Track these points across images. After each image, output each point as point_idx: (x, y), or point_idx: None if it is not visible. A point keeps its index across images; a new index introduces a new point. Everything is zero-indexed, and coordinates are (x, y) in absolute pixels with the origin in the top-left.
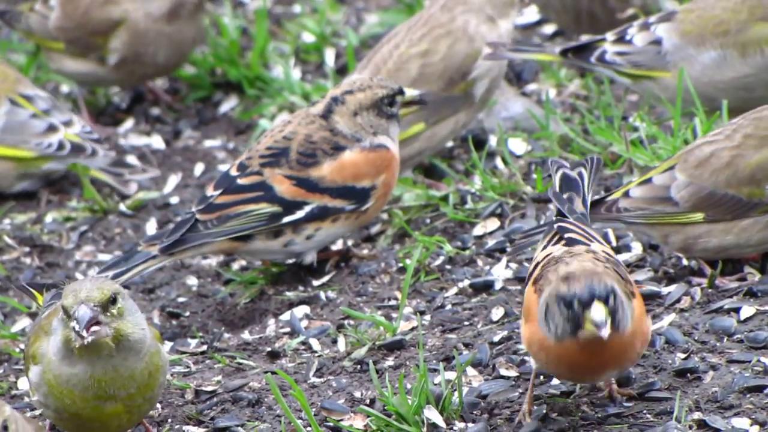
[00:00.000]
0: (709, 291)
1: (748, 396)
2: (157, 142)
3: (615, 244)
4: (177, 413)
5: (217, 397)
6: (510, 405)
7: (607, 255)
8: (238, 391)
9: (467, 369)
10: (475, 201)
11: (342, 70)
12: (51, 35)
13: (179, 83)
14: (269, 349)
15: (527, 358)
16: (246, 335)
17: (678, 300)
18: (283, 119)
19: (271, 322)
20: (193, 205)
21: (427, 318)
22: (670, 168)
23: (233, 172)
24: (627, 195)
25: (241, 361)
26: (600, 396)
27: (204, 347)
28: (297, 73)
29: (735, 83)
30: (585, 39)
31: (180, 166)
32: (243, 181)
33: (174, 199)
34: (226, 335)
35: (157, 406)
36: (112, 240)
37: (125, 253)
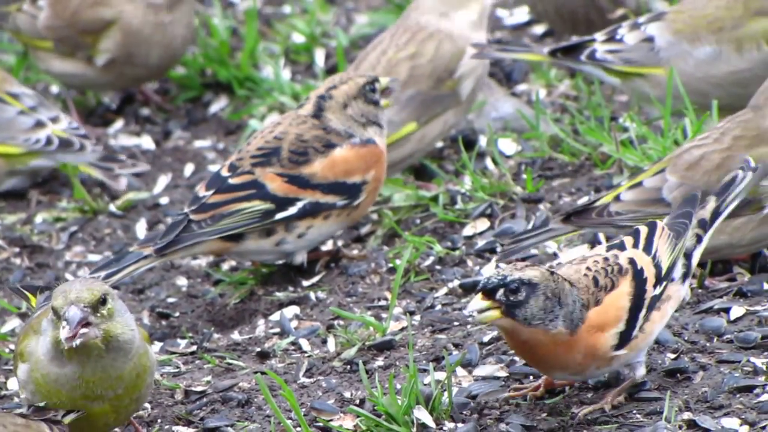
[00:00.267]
0: (699, 291)
1: (737, 396)
2: (147, 142)
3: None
4: (167, 413)
5: (207, 398)
6: (499, 405)
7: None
8: (227, 392)
9: (457, 369)
10: (465, 201)
11: (332, 70)
12: (39, 34)
13: (169, 84)
14: (259, 350)
15: (516, 358)
16: (236, 336)
17: None
18: (273, 121)
19: (261, 322)
20: (186, 206)
21: (417, 318)
22: (660, 171)
23: (224, 172)
24: (618, 199)
25: (231, 362)
26: (590, 396)
27: (194, 348)
28: (287, 74)
29: (730, 78)
30: (574, 39)
31: (170, 166)
32: (235, 181)
33: (164, 200)
34: (215, 336)
35: (147, 406)
36: (101, 240)
37: (116, 254)
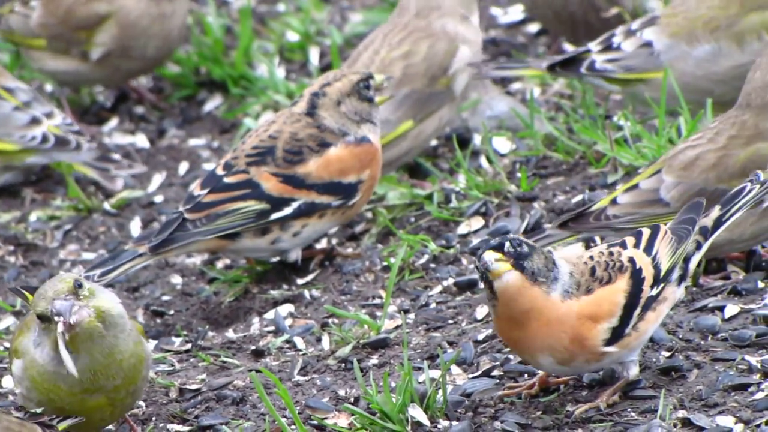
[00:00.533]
0: (694, 289)
1: (732, 394)
2: (142, 140)
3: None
4: (161, 411)
5: (202, 396)
6: (494, 403)
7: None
8: (222, 390)
9: (451, 367)
10: (460, 200)
11: (326, 68)
12: (33, 33)
13: (163, 82)
14: (253, 348)
15: (511, 356)
16: (230, 334)
17: None
18: (267, 119)
19: (256, 320)
20: (180, 205)
21: (412, 316)
22: (655, 173)
23: (219, 171)
24: (614, 202)
25: (226, 360)
26: (585, 395)
27: (188, 346)
28: (281, 72)
29: (732, 73)
30: (569, 51)
31: (164, 164)
32: (230, 180)
33: (158, 198)
34: (210, 334)
35: (141, 404)
36: (96, 239)
37: (111, 252)
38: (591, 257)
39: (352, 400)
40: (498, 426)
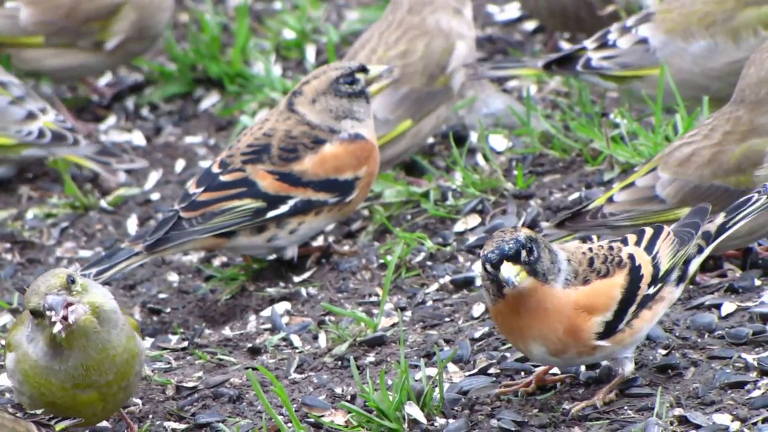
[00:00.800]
0: (690, 287)
1: (729, 392)
2: (138, 138)
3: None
4: (158, 409)
5: (198, 393)
6: (491, 401)
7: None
8: (219, 387)
9: (448, 365)
10: (456, 197)
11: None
12: (25, 32)
13: (160, 79)
14: (250, 345)
15: (508, 354)
16: (227, 331)
17: None
18: (261, 117)
19: (252, 318)
20: (176, 203)
21: (408, 314)
22: (651, 170)
23: (215, 169)
24: (611, 200)
25: (222, 357)
26: (581, 392)
27: (185, 343)
28: (278, 70)
29: (728, 69)
30: (565, 49)
31: (161, 162)
32: (225, 178)
33: (155, 196)
34: (207, 331)
35: (138, 401)
36: (92, 236)
37: (108, 251)
38: (590, 249)
39: (348, 397)
40: (495, 424)
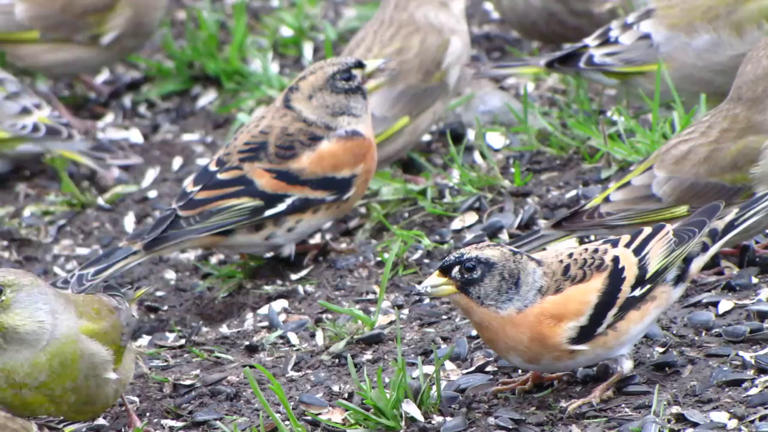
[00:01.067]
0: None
1: (726, 390)
2: (135, 135)
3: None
4: (155, 407)
5: (196, 391)
6: (488, 399)
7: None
8: (216, 385)
9: (445, 363)
10: (453, 195)
11: None
12: (21, 26)
13: (157, 77)
14: (247, 343)
15: None
16: (224, 329)
17: None
18: (257, 114)
19: (250, 316)
20: (174, 202)
21: (406, 312)
22: (647, 169)
23: (212, 167)
24: (607, 200)
25: (220, 355)
26: (579, 390)
27: (182, 341)
28: (275, 67)
29: (732, 63)
30: (567, 47)
31: (158, 160)
32: (223, 176)
33: (152, 193)
34: (204, 329)
35: (135, 399)
36: (90, 234)
37: (105, 249)
38: (570, 254)
39: (346, 395)
40: (492, 421)
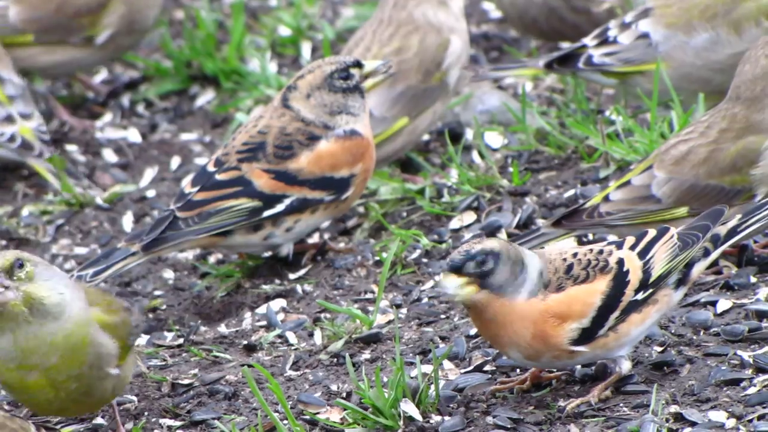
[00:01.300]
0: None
1: (724, 389)
2: (134, 135)
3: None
4: (153, 406)
5: (194, 390)
6: (486, 398)
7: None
8: (214, 384)
9: (444, 362)
10: (452, 194)
11: None
12: (15, 29)
13: (155, 76)
14: (246, 343)
15: None
16: (222, 328)
17: None
18: (255, 114)
19: (248, 315)
20: (172, 202)
21: (404, 311)
22: (647, 168)
23: (210, 167)
24: (607, 199)
25: (218, 355)
26: (577, 389)
27: (180, 340)
28: (273, 67)
29: (731, 61)
30: (565, 47)
31: (156, 159)
32: (221, 177)
33: (150, 193)
34: (202, 328)
35: (133, 398)
36: (88, 233)
37: (103, 248)
38: (574, 254)
39: (344, 394)
40: (490, 421)
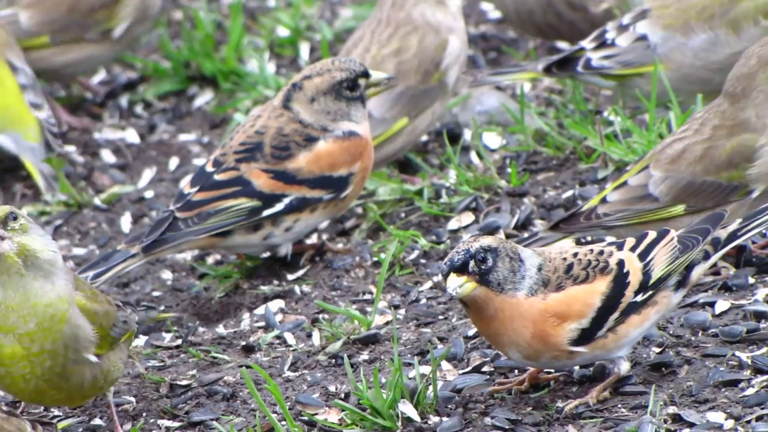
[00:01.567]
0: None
1: (722, 390)
2: (132, 136)
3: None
4: (152, 407)
5: (192, 391)
6: (484, 399)
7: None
8: (212, 385)
9: (442, 363)
10: (450, 195)
11: None
12: (29, 33)
13: (153, 77)
14: (244, 343)
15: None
16: (221, 329)
17: None
18: (253, 114)
19: (246, 316)
20: (171, 203)
21: (402, 312)
22: (643, 168)
23: (209, 168)
24: (604, 201)
25: (216, 355)
26: (575, 390)
27: (179, 341)
28: (271, 67)
29: (730, 61)
30: (564, 50)
31: (155, 160)
32: (220, 177)
33: (149, 194)
34: (200, 329)
35: (131, 399)
36: (86, 234)
37: (104, 253)
38: (575, 254)
39: (342, 395)
40: (488, 422)
